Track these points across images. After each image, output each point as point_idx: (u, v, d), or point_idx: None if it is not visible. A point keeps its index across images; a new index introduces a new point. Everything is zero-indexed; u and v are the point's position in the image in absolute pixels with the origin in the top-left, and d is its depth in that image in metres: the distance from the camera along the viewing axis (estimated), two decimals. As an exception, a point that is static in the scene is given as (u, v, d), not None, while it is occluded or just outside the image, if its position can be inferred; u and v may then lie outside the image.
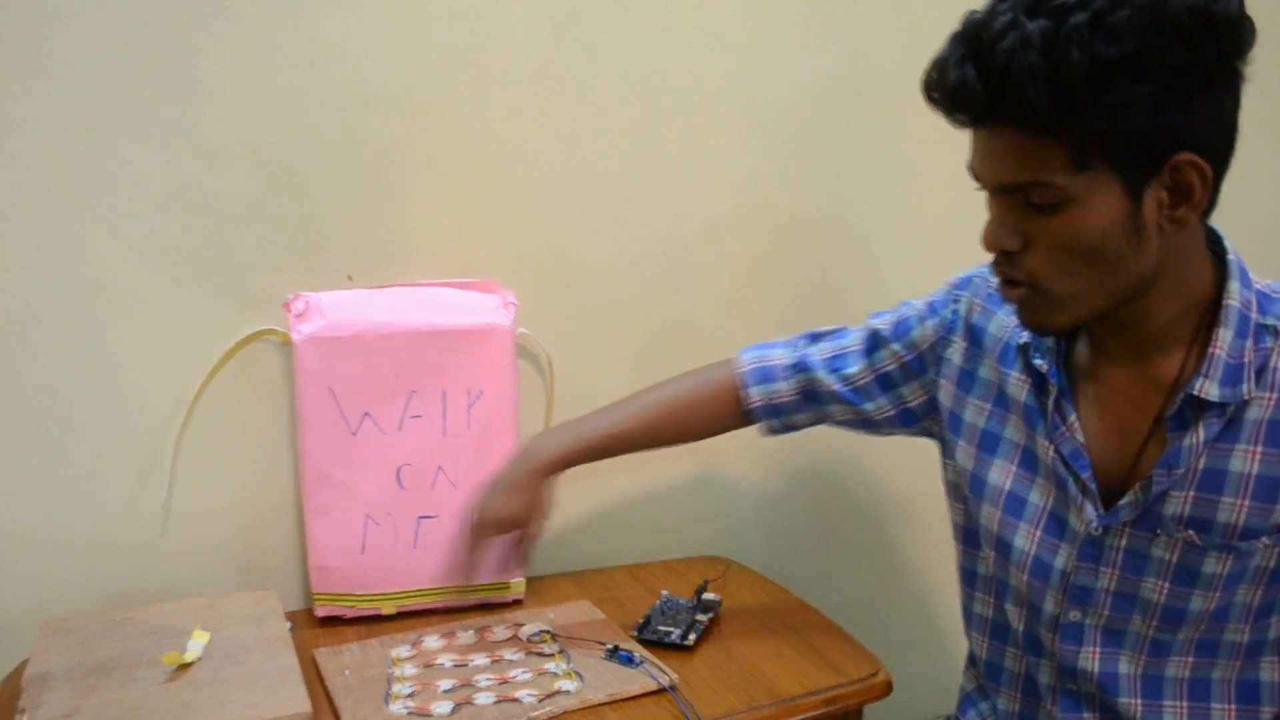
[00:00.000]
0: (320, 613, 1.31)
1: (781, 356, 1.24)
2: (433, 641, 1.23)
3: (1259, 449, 0.93)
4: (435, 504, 1.31)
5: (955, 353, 1.14)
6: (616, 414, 1.24)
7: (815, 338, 1.25)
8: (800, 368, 1.22)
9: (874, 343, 1.20)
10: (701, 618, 1.28)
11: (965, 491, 1.13)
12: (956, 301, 1.15)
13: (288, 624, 1.19)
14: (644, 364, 1.51)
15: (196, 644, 1.11)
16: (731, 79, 1.49)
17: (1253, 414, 0.93)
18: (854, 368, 1.20)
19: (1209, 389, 0.93)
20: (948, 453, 1.16)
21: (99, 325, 1.27)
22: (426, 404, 1.30)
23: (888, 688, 1.17)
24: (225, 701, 1.01)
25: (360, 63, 1.31)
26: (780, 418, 1.24)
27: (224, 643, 1.13)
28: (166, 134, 1.25)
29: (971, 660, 1.22)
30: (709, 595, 1.33)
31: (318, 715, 1.05)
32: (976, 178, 0.94)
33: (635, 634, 1.24)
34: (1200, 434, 0.94)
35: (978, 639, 1.17)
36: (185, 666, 1.08)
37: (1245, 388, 0.92)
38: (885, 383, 1.19)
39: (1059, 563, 1.04)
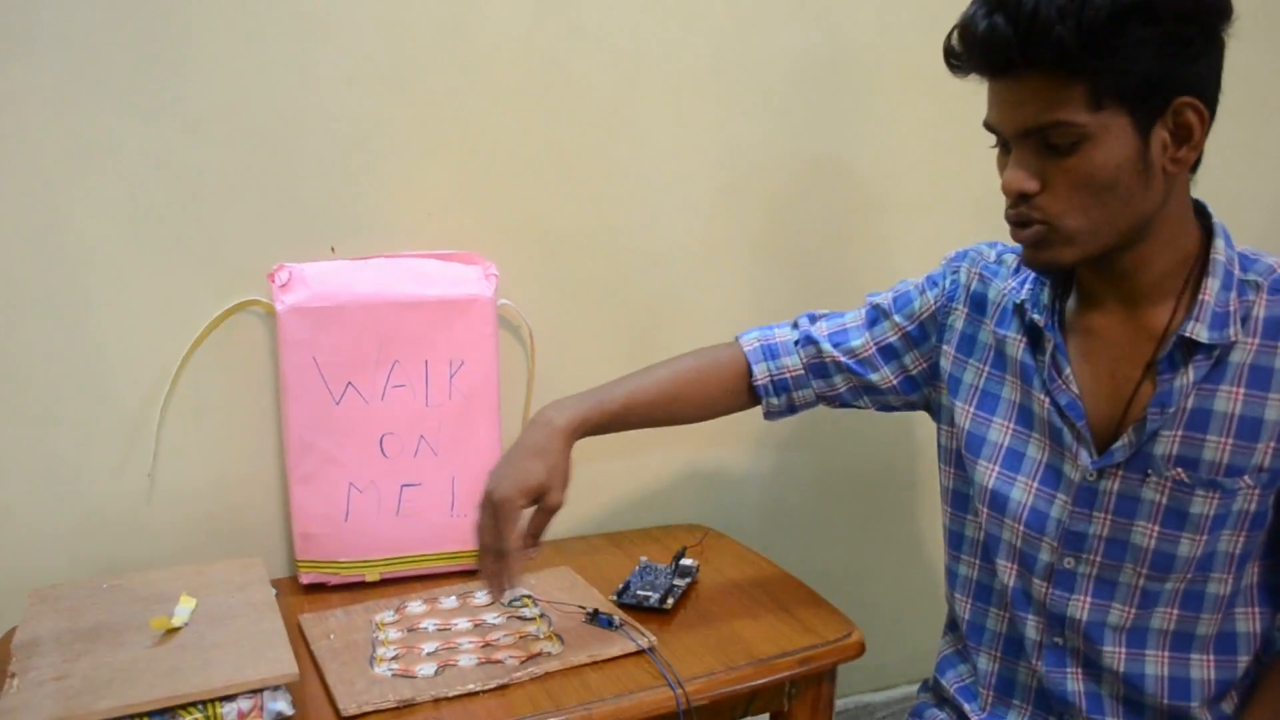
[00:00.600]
0: (305, 580, 1.33)
1: (784, 335, 1.28)
2: (416, 606, 1.26)
3: (1241, 390, 1.00)
4: (418, 472, 1.33)
5: (958, 319, 1.19)
6: (631, 384, 1.24)
7: (814, 318, 1.29)
8: (805, 343, 1.26)
9: (875, 316, 1.25)
10: (679, 582, 1.30)
11: (962, 452, 1.17)
12: (955, 272, 1.21)
13: (273, 589, 1.21)
14: (624, 335, 1.54)
15: (183, 609, 1.12)
16: (712, 54, 1.51)
17: (1236, 357, 1.00)
18: (857, 341, 1.25)
19: (1199, 331, 0.99)
20: (945, 418, 1.21)
21: (84, 298, 1.28)
22: (409, 374, 1.32)
23: (860, 648, 1.20)
24: (213, 664, 1.02)
25: (344, 37, 1.32)
26: (784, 394, 1.27)
27: (211, 608, 1.14)
28: (150, 108, 1.26)
29: (951, 624, 1.25)
30: (686, 561, 1.35)
31: (304, 679, 1.07)
32: (995, 130, 1.00)
33: (615, 598, 1.27)
34: (1190, 375, 1.01)
35: (961, 600, 1.20)
36: (173, 631, 1.09)
37: (1231, 330, 0.99)
38: (888, 353, 1.24)
39: (1055, 511, 1.09)
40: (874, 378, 1.24)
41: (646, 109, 1.48)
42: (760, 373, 1.26)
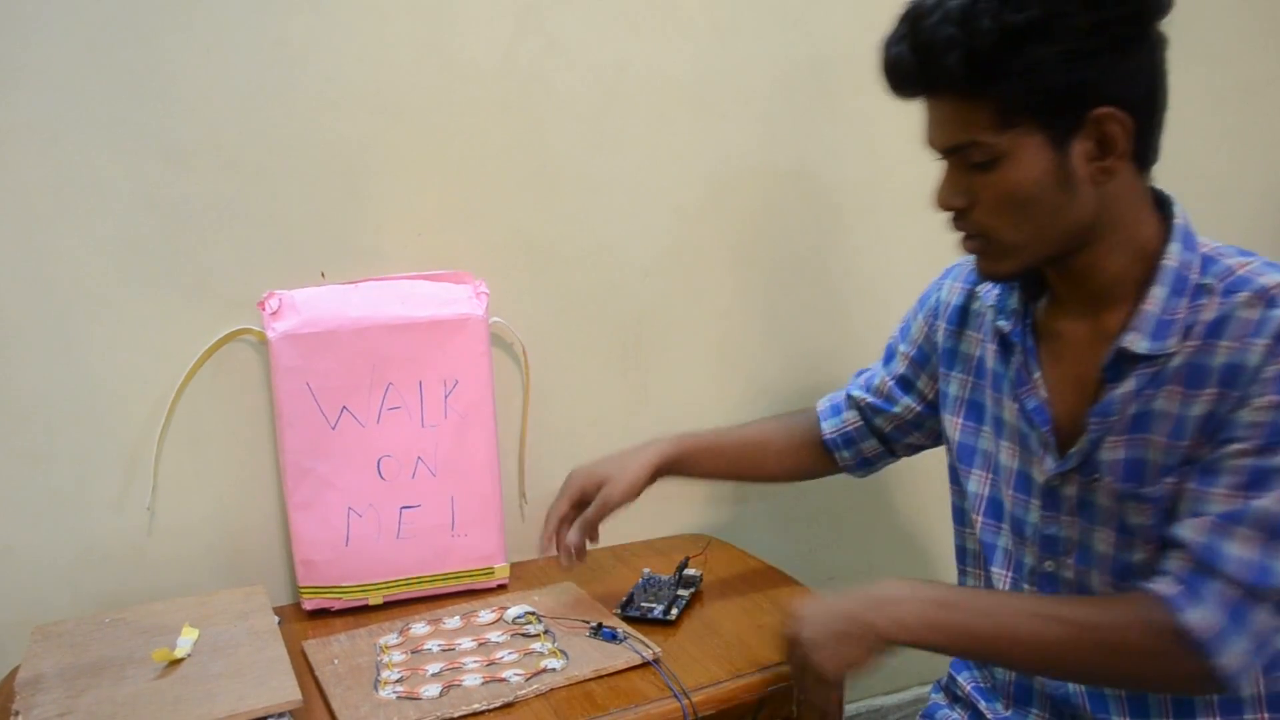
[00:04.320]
0: (308, 606, 1.33)
1: (841, 394, 1.35)
2: (420, 628, 1.25)
3: (1178, 389, 0.97)
4: (416, 494, 1.33)
5: (940, 335, 1.20)
6: (727, 432, 1.34)
7: (859, 373, 1.34)
8: (849, 395, 1.32)
9: (890, 353, 1.29)
10: (683, 593, 1.30)
11: (956, 465, 1.18)
12: (939, 289, 1.23)
13: (275, 617, 1.21)
14: (616, 348, 1.54)
15: (186, 640, 1.12)
16: (693, 64, 1.51)
17: (1176, 361, 0.97)
18: (877, 380, 1.29)
19: (1137, 342, 0.97)
20: (946, 435, 1.21)
21: (76, 332, 1.28)
22: (404, 395, 1.32)
23: (867, 651, 1.19)
24: (216, 694, 1.02)
25: (324, 62, 1.33)
26: (851, 448, 1.32)
27: (213, 638, 1.14)
28: (136, 140, 1.26)
29: None
30: (690, 571, 1.35)
31: (308, 705, 1.07)
32: (929, 145, 1.02)
33: (619, 611, 1.26)
34: (1131, 384, 0.99)
35: None
36: (176, 663, 1.09)
37: (1172, 342, 0.96)
38: (904, 384, 1.27)
39: (1031, 516, 1.08)
40: (898, 410, 1.27)
41: (629, 121, 1.49)
42: (829, 429, 1.32)
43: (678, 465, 1.29)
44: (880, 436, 1.31)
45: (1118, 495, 1.01)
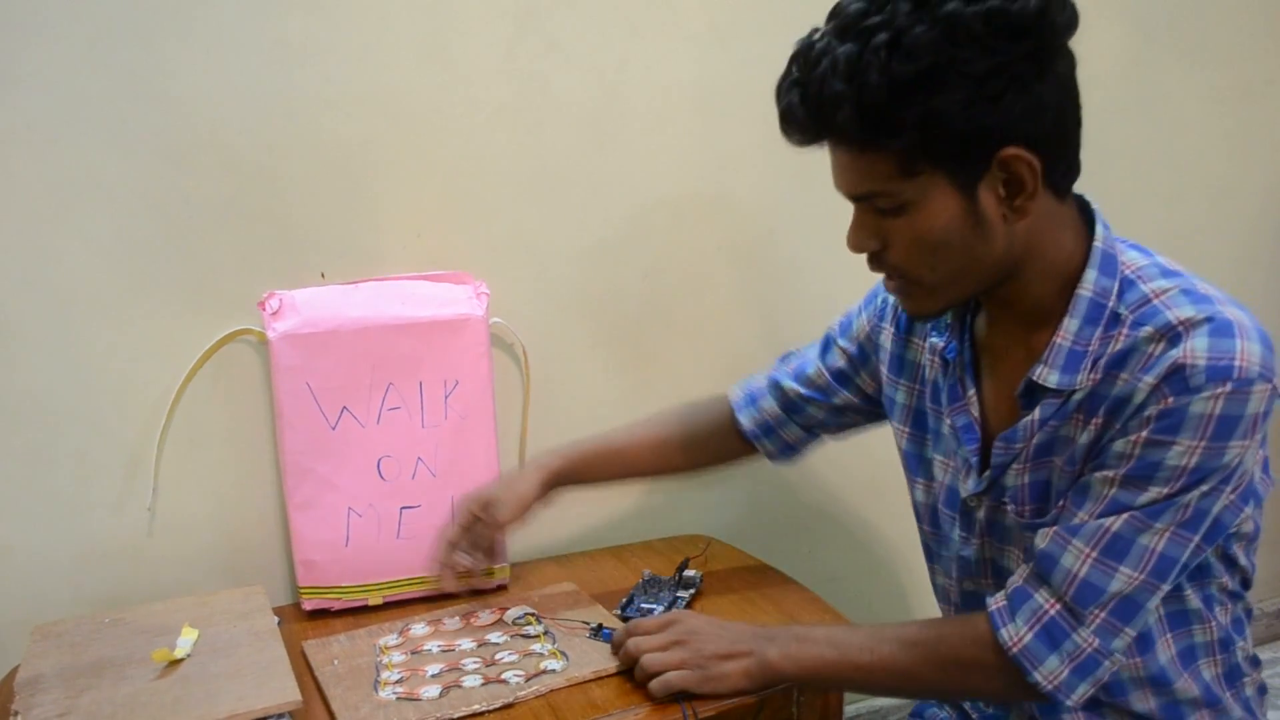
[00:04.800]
0: (308, 606, 1.33)
1: (761, 381, 1.31)
2: (419, 629, 1.25)
3: (1079, 417, 0.97)
4: (416, 494, 1.33)
5: (886, 338, 1.19)
6: (619, 433, 1.32)
7: (786, 358, 1.32)
8: (774, 384, 1.29)
9: (827, 345, 1.28)
10: (683, 594, 1.30)
11: (908, 473, 1.18)
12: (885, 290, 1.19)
13: (275, 618, 1.21)
14: (617, 348, 1.54)
15: (185, 641, 1.12)
16: (692, 66, 1.51)
17: (1079, 395, 0.96)
18: (811, 369, 1.27)
19: (1047, 376, 0.97)
20: (895, 441, 1.21)
21: (76, 332, 1.28)
22: (404, 396, 1.32)
23: (867, 653, 1.19)
24: (216, 695, 1.02)
25: (325, 62, 1.32)
26: (773, 437, 1.30)
27: (213, 638, 1.14)
28: (135, 140, 1.26)
29: None
30: (690, 572, 1.35)
31: (308, 705, 1.07)
32: (837, 189, 0.99)
33: (619, 612, 1.26)
34: (1038, 413, 0.98)
35: (943, 609, 1.21)
36: (175, 663, 1.09)
37: (1081, 376, 0.95)
38: (841, 378, 1.25)
39: (955, 534, 1.09)
40: (836, 401, 1.26)
41: (629, 122, 1.49)
42: (745, 420, 1.30)
43: (571, 475, 1.28)
44: (805, 425, 1.29)
45: (1020, 522, 1.01)
